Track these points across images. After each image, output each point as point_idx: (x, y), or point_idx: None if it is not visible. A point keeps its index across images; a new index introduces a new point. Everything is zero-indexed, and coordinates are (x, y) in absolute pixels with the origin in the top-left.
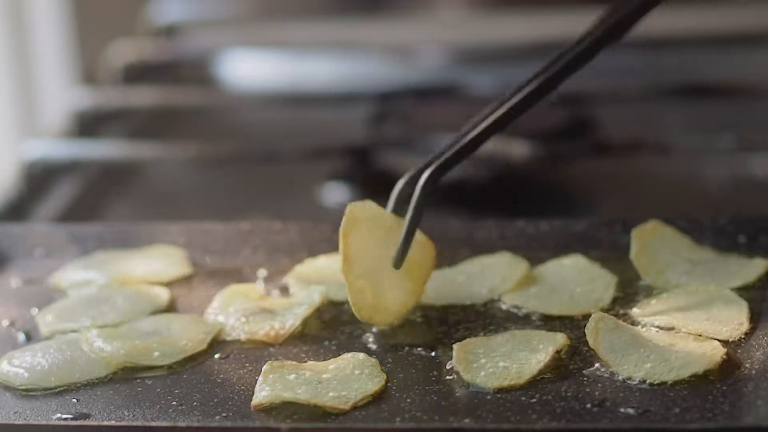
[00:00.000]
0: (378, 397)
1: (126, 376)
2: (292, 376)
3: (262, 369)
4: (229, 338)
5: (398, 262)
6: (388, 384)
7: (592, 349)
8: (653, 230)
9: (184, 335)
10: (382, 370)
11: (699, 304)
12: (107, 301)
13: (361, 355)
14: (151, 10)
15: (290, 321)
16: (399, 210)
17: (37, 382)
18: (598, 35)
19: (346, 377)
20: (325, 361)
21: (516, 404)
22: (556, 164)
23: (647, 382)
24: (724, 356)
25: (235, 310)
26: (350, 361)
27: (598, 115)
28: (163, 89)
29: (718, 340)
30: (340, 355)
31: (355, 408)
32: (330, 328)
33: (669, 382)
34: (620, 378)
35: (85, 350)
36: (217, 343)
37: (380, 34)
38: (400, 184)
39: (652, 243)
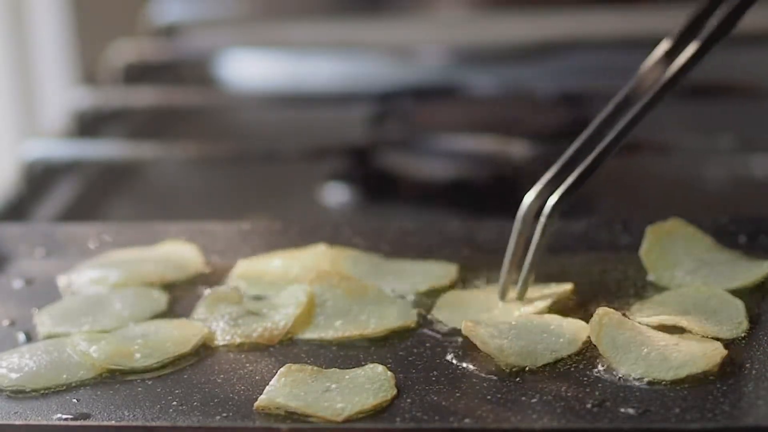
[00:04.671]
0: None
1: (122, 377)
2: (303, 383)
3: (278, 371)
4: (222, 342)
5: (521, 293)
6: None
7: (592, 350)
8: (671, 229)
9: (168, 339)
10: (396, 384)
11: (698, 303)
12: (105, 304)
13: (380, 368)
14: (151, 10)
15: (282, 321)
16: (526, 229)
17: (25, 384)
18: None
19: (354, 389)
20: (344, 370)
21: (516, 404)
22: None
23: (646, 379)
24: (724, 356)
25: (222, 314)
26: (367, 372)
27: None
28: (163, 89)
29: (719, 340)
30: (340, 356)
31: (348, 421)
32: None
33: (668, 381)
34: (619, 375)
35: (70, 353)
36: (212, 347)
37: (380, 34)
38: (528, 200)
39: (667, 241)
